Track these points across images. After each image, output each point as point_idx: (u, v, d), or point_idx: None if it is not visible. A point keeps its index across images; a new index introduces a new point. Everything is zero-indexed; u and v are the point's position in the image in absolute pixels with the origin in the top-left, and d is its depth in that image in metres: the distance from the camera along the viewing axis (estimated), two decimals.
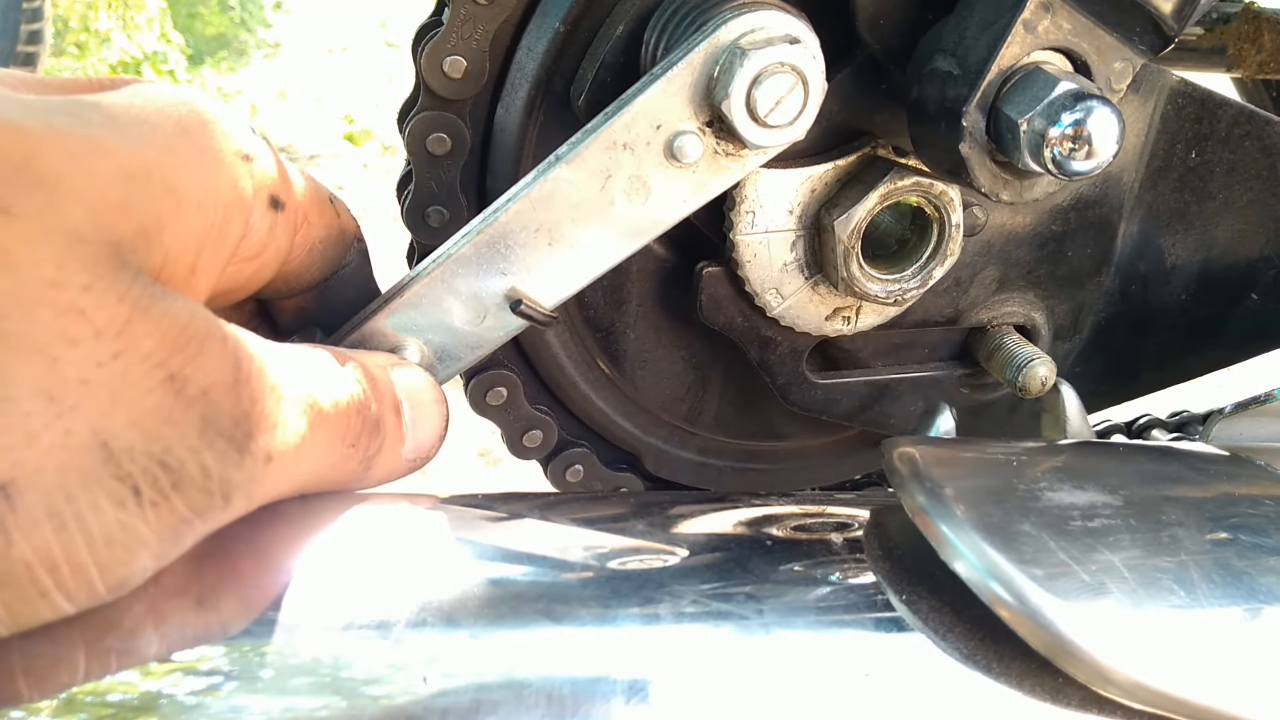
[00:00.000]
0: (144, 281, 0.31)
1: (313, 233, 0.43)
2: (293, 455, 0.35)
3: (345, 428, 0.38)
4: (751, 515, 0.44)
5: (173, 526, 0.31)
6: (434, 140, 0.52)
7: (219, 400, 0.32)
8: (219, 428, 0.32)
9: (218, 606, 0.34)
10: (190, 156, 0.34)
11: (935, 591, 0.37)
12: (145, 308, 0.31)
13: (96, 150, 0.31)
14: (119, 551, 0.30)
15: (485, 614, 0.35)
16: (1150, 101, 0.57)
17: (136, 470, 0.30)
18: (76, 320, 0.29)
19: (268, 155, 0.39)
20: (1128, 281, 0.62)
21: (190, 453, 0.31)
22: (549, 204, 0.45)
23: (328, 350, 0.40)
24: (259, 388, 0.34)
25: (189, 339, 0.32)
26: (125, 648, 0.32)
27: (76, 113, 0.32)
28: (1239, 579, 0.36)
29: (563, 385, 0.62)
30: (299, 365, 0.37)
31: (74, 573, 0.30)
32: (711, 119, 0.45)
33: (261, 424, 0.34)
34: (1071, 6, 0.44)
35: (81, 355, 0.29)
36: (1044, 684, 0.35)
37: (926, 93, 0.47)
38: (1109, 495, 0.39)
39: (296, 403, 0.36)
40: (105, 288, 0.30)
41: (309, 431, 0.36)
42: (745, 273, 0.54)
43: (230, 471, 0.33)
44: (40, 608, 0.30)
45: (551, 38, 0.51)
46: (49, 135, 0.31)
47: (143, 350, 0.30)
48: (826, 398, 0.61)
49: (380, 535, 0.38)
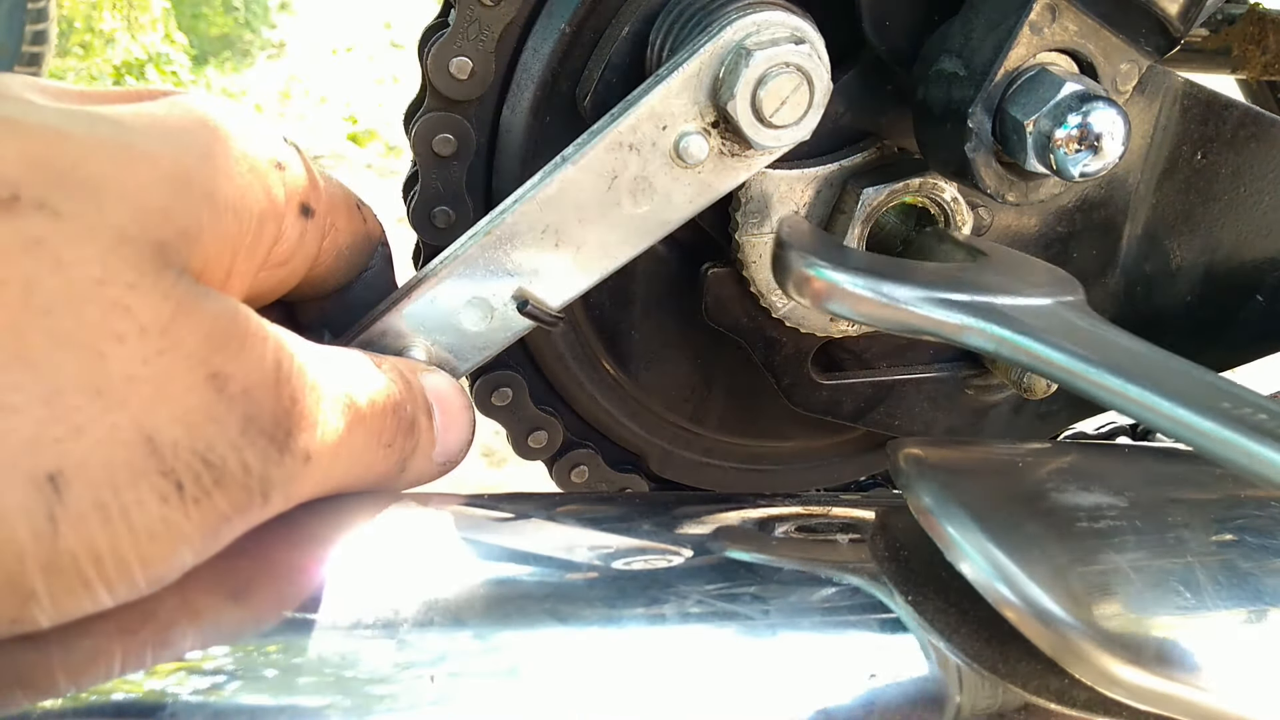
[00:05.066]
0: (187, 281, 0.32)
1: (340, 238, 0.44)
2: (331, 454, 0.36)
3: (382, 428, 0.39)
4: (757, 516, 0.44)
5: (213, 523, 0.32)
6: (440, 141, 0.52)
7: (260, 399, 0.33)
8: (260, 426, 0.33)
9: (252, 602, 0.34)
10: (227, 164, 0.35)
11: (941, 592, 0.37)
12: (189, 307, 0.31)
13: (138, 156, 0.32)
14: (161, 546, 0.31)
15: (491, 614, 0.35)
16: (1156, 103, 0.56)
17: (180, 466, 0.31)
18: (123, 317, 0.30)
19: (299, 163, 0.40)
20: (1133, 283, 0.62)
21: (232, 450, 0.32)
22: (555, 205, 0.45)
23: (363, 352, 0.41)
24: (299, 387, 0.34)
25: (231, 337, 0.32)
26: (161, 641, 0.32)
27: (118, 120, 0.33)
28: (1245, 581, 0.36)
29: (568, 386, 0.62)
30: (337, 365, 0.38)
31: (117, 565, 0.30)
32: (717, 119, 0.45)
33: (302, 423, 0.34)
34: (1078, 8, 0.44)
35: (128, 351, 0.30)
36: (1050, 685, 0.35)
37: (932, 94, 0.47)
38: (1114, 496, 0.39)
39: (335, 402, 0.36)
40: (150, 286, 0.31)
41: (347, 431, 0.36)
42: (751, 274, 0.54)
43: (271, 469, 0.33)
44: (82, 599, 0.30)
45: (557, 39, 0.51)
46: (93, 142, 0.32)
47: (187, 348, 0.31)
48: (831, 399, 0.61)
49: (386, 535, 0.38)
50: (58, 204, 0.30)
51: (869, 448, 0.70)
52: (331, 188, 0.43)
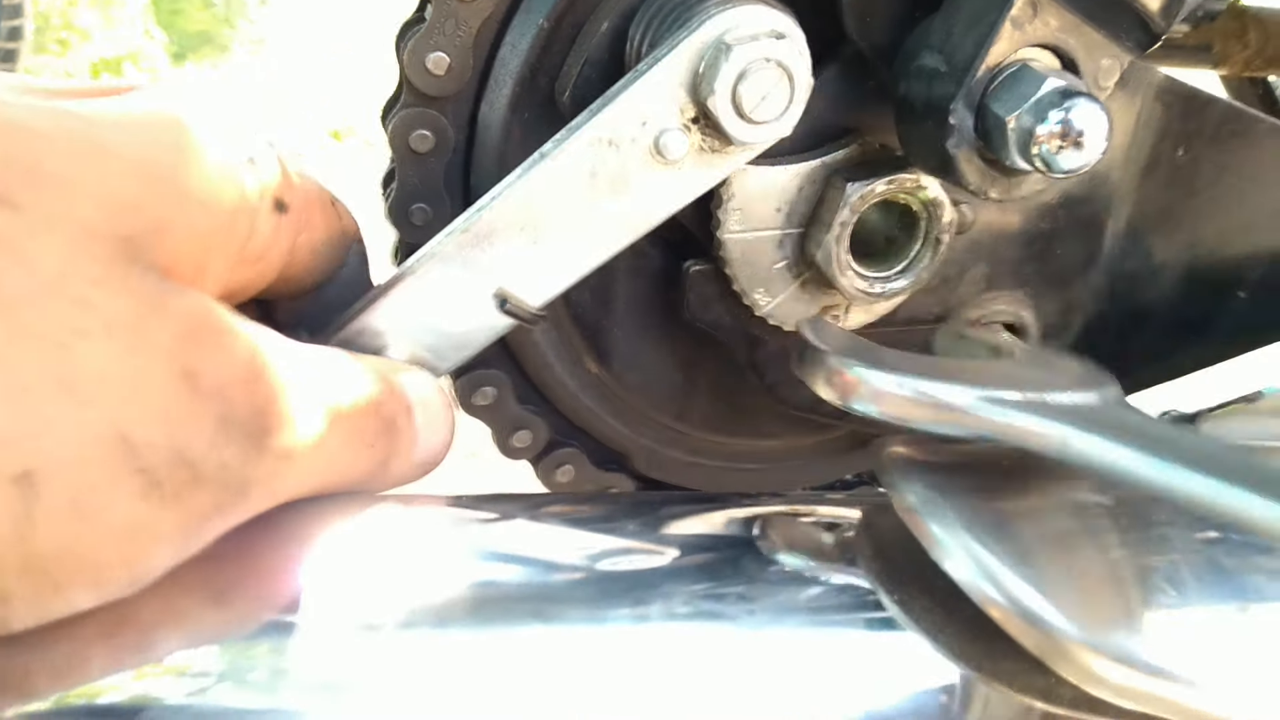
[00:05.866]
0: (155, 277, 0.32)
1: (315, 235, 0.43)
2: (311, 453, 0.35)
3: (362, 427, 0.39)
4: (742, 515, 0.44)
5: (192, 521, 0.31)
6: (417, 137, 0.52)
7: (235, 396, 0.32)
8: (237, 423, 0.32)
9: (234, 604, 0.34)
10: (197, 158, 0.34)
11: (927, 591, 0.37)
12: (158, 303, 0.31)
13: (106, 151, 0.32)
14: (139, 545, 0.30)
15: (475, 615, 0.35)
16: (1138, 99, 0.57)
17: (157, 463, 0.30)
18: (88, 313, 0.29)
19: (272, 158, 0.39)
20: (1116, 279, 0.62)
21: (209, 448, 0.31)
22: (534, 202, 0.45)
23: (342, 350, 0.40)
24: (277, 384, 0.34)
25: (203, 334, 0.32)
26: (141, 643, 0.32)
27: (85, 115, 0.32)
28: (1229, 578, 0.36)
29: (551, 385, 0.61)
30: (316, 364, 0.37)
31: (95, 565, 0.30)
32: (697, 115, 0.45)
33: (279, 420, 0.34)
34: (1059, 3, 0.44)
35: (96, 348, 0.29)
36: (1036, 684, 0.35)
37: (913, 90, 0.47)
38: (1099, 494, 0.39)
39: (315, 400, 0.36)
40: (117, 282, 0.30)
41: (327, 429, 0.36)
42: (733, 271, 0.54)
43: (249, 468, 0.33)
44: (59, 601, 0.30)
45: (535, 34, 0.50)
46: (59, 136, 0.31)
47: (157, 344, 0.31)
48: (816, 396, 0.61)
49: (369, 536, 0.38)
50: (20, 198, 0.29)
51: (854, 446, 0.70)
52: (306, 184, 0.43)
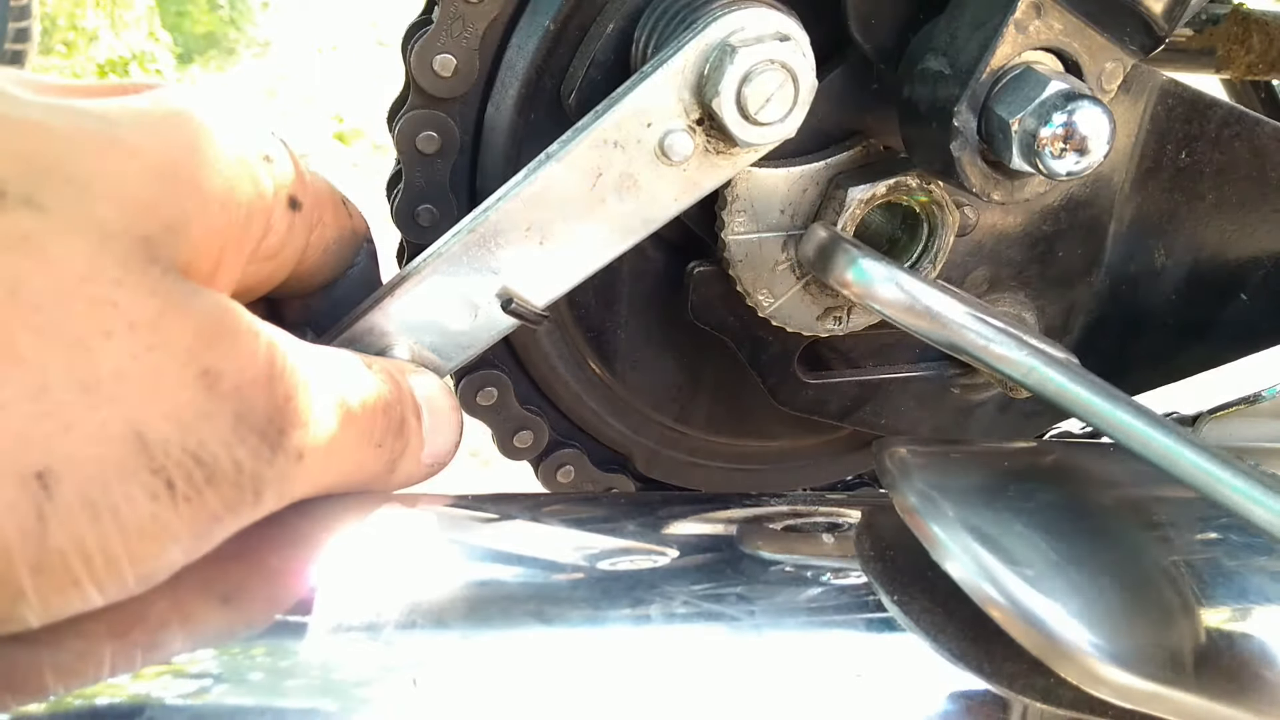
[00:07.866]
0: (174, 277, 0.32)
1: (327, 233, 0.43)
2: (323, 453, 0.36)
3: (372, 428, 0.39)
4: (743, 516, 0.44)
5: (205, 521, 0.32)
6: (424, 139, 0.52)
7: (252, 396, 0.32)
8: (252, 423, 0.32)
9: (242, 605, 0.34)
10: (213, 157, 0.35)
11: (927, 592, 0.37)
12: (177, 302, 0.31)
13: (124, 150, 0.32)
14: (151, 544, 0.30)
15: (477, 615, 0.35)
16: (1140, 102, 0.57)
17: (171, 464, 0.30)
18: (109, 312, 0.30)
19: (286, 157, 0.39)
20: (1118, 282, 0.62)
21: (224, 448, 0.32)
22: (540, 202, 0.45)
23: (352, 352, 0.41)
24: (291, 385, 0.34)
25: (222, 334, 0.32)
26: (150, 642, 0.32)
27: (103, 115, 0.33)
28: (1230, 579, 0.36)
29: (553, 385, 0.61)
30: (328, 365, 0.37)
31: (107, 564, 0.30)
32: (702, 117, 0.45)
33: (294, 421, 0.34)
34: (1063, 6, 0.44)
35: (116, 347, 0.29)
36: (1036, 685, 0.35)
37: (918, 92, 0.47)
38: (1100, 495, 0.39)
39: (328, 401, 0.36)
40: (136, 281, 0.30)
41: (339, 430, 0.36)
42: (737, 273, 0.54)
43: (263, 468, 0.33)
44: (72, 598, 0.30)
45: (542, 36, 0.50)
46: (78, 136, 0.31)
47: (177, 344, 0.31)
48: (817, 398, 0.61)
49: (375, 537, 0.38)
50: (44, 199, 0.29)
51: (855, 447, 0.70)
52: (318, 183, 0.43)
